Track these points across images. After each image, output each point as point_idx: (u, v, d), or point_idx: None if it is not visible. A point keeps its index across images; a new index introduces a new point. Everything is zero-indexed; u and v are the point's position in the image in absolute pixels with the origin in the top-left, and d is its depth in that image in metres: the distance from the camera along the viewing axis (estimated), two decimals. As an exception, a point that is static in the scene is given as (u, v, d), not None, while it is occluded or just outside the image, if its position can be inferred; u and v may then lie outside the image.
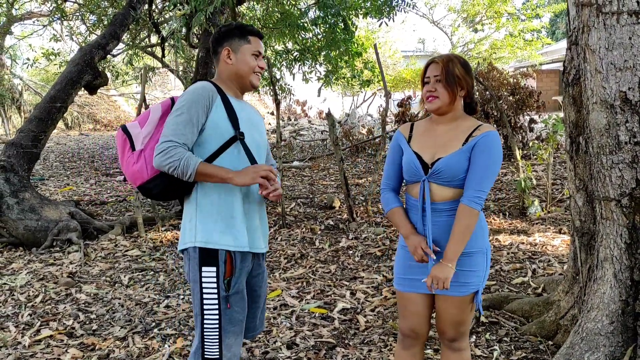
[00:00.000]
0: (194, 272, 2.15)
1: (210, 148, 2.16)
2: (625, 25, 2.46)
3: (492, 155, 2.09)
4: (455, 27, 24.04)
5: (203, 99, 2.13)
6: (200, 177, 2.09)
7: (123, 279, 4.65)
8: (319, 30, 9.37)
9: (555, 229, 5.50)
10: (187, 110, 2.10)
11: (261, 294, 2.39)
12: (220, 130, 2.16)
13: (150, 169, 2.12)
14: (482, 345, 3.21)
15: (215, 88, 2.20)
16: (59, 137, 19.59)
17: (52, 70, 19.23)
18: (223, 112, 2.17)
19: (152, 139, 2.17)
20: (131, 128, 2.21)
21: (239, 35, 2.27)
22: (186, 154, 2.05)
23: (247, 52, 2.26)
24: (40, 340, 3.50)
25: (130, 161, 2.16)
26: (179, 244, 2.23)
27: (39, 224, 5.69)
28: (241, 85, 2.30)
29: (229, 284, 2.14)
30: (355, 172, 9.86)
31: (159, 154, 2.05)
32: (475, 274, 2.17)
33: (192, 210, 2.19)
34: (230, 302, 2.14)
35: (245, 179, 2.09)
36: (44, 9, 13.82)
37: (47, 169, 11.66)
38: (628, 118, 2.52)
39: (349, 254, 5.13)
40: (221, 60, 2.28)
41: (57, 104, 6.42)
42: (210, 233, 2.13)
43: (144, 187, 2.15)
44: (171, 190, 2.16)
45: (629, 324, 2.64)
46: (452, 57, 2.16)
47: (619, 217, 2.63)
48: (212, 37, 2.31)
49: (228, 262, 2.15)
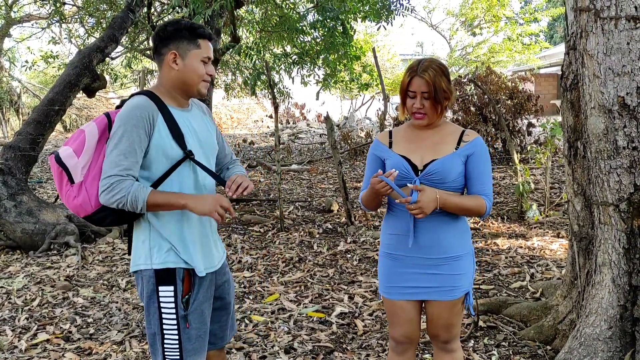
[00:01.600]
0: (149, 292, 2.03)
1: (157, 171, 2.02)
2: (624, 30, 2.46)
3: (488, 161, 2.20)
4: (453, 31, 24.05)
5: (142, 121, 1.95)
6: (153, 209, 1.97)
7: (120, 282, 4.64)
8: (317, 34, 9.37)
9: (554, 233, 5.50)
10: (127, 138, 1.93)
11: (230, 301, 2.30)
12: (166, 151, 2.00)
13: (94, 202, 1.97)
14: (480, 350, 3.20)
15: (154, 104, 2.02)
16: (57, 140, 19.56)
17: (50, 73, 19.21)
18: (166, 131, 2.00)
19: (90, 168, 1.99)
20: (66, 159, 1.99)
21: (188, 37, 2.04)
22: (132, 187, 1.91)
23: (195, 58, 2.05)
24: (37, 344, 3.49)
25: (71, 195, 1.99)
26: (131, 265, 2.10)
27: (37, 227, 5.67)
28: (186, 93, 2.11)
29: (187, 302, 2.05)
30: (354, 175, 9.85)
31: (104, 191, 1.92)
32: (464, 276, 2.19)
33: (144, 231, 2.05)
34: (189, 321, 2.04)
35: (203, 208, 1.97)
36: (42, 12, 13.83)
37: (45, 172, 11.64)
38: (626, 123, 2.52)
39: (347, 257, 5.12)
40: (165, 63, 2.06)
41: (56, 107, 6.42)
42: (167, 253, 2.02)
43: (90, 218, 2.02)
44: (120, 217, 2.01)
45: (627, 329, 2.63)
46: (436, 69, 2.09)
47: (617, 222, 2.62)
48: (156, 35, 2.08)
49: (186, 279, 2.05)
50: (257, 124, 23.21)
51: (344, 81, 11.65)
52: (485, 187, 2.16)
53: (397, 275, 2.22)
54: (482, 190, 2.15)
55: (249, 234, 6.09)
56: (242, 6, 8.69)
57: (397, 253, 2.21)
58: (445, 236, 2.15)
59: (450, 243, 2.16)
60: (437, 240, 2.15)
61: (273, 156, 12.89)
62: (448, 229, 2.16)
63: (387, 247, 2.26)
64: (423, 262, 2.16)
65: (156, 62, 2.13)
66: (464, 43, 24.06)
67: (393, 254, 2.23)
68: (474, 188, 2.16)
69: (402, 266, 2.20)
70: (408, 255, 2.18)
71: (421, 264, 2.17)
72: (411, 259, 2.18)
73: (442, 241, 2.15)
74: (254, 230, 6.26)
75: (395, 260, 2.22)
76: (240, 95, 18.55)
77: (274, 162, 11.23)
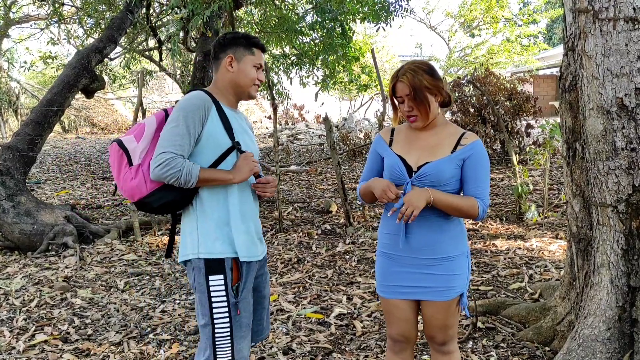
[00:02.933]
0: (201, 282, 2.14)
1: (208, 158, 2.16)
2: (622, 31, 2.46)
3: (486, 165, 2.19)
4: (452, 32, 24.09)
5: (198, 109, 2.12)
6: (202, 183, 2.12)
7: (119, 283, 4.63)
8: (316, 35, 9.38)
9: (552, 234, 5.50)
10: (183, 121, 2.09)
11: (266, 295, 2.40)
12: (217, 140, 2.17)
13: (149, 184, 2.11)
14: (479, 351, 3.20)
15: (210, 98, 2.20)
16: (55, 141, 19.55)
17: (49, 73, 19.21)
18: (219, 122, 2.18)
19: (148, 153, 2.16)
20: (127, 142, 2.17)
21: (244, 44, 2.26)
22: (186, 163, 2.06)
23: (249, 63, 2.25)
24: (34, 345, 3.48)
25: (128, 177, 2.13)
26: (179, 255, 2.22)
27: (35, 227, 5.66)
28: (238, 94, 2.31)
29: (237, 289, 2.16)
30: (353, 176, 9.85)
31: (158, 166, 2.04)
32: (459, 277, 2.19)
33: (192, 222, 2.19)
34: (239, 308, 2.15)
35: (243, 174, 2.15)
36: (41, 12, 13.81)
37: (43, 173, 11.62)
38: (624, 124, 2.52)
39: (346, 258, 5.12)
40: (222, 66, 2.26)
41: (54, 108, 6.42)
42: (213, 243, 2.14)
43: (143, 201, 2.14)
44: (169, 203, 2.15)
45: (625, 330, 2.63)
46: (415, 70, 2.12)
47: (616, 223, 2.62)
48: (216, 42, 2.29)
49: (234, 268, 2.16)
50: (256, 124, 23.20)
51: (342, 82, 11.67)
52: (481, 190, 2.15)
53: (392, 274, 2.23)
54: (477, 193, 2.15)
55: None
56: (241, 7, 8.69)
57: (392, 252, 2.22)
58: (438, 237, 2.16)
59: (444, 244, 2.17)
60: (430, 241, 2.16)
61: (272, 157, 12.88)
62: (441, 231, 2.16)
63: (383, 246, 2.28)
64: (417, 262, 2.17)
65: (213, 66, 2.31)
66: (462, 44, 24.11)
67: (388, 253, 2.24)
68: (469, 191, 2.16)
69: (397, 265, 2.21)
70: (402, 255, 2.19)
71: (415, 264, 2.18)
72: (406, 259, 2.19)
73: (435, 242, 2.16)
74: (252, 231, 6.24)
75: (390, 260, 2.24)
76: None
77: (273, 163, 11.23)
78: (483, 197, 2.15)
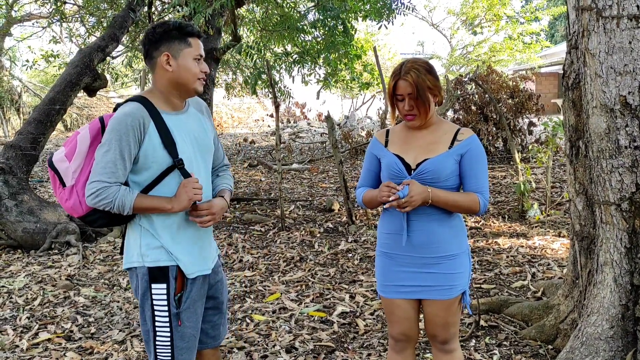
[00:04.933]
0: (143, 289, 2.06)
1: (146, 178, 2.04)
2: (625, 29, 2.46)
3: (484, 159, 2.21)
4: (454, 30, 24.03)
5: (133, 129, 1.95)
6: (138, 211, 2.01)
7: (122, 281, 4.64)
8: (318, 33, 9.36)
9: (555, 232, 5.50)
10: (117, 145, 1.94)
11: (223, 300, 2.30)
12: (156, 159, 2.01)
13: (84, 206, 2.01)
14: (481, 350, 3.20)
15: (146, 110, 2.01)
16: (58, 139, 19.56)
17: (51, 72, 19.23)
18: (157, 139, 2.00)
19: (82, 172, 2.02)
20: (58, 163, 2.04)
21: (178, 37, 2.03)
22: (119, 193, 1.94)
23: (188, 57, 2.04)
24: (38, 344, 3.49)
25: (63, 197, 2.04)
26: (124, 262, 2.13)
27: (38, 226, 5.67)
28: (182, 93, 2.11)
29: (179, 300, 2.06)
30: (355, 174, 9.84)
31: (90, 195, 1.94)
32: (461, 275, 2.20)
33: (136, 229, 2.08)
34: (181, 319, 2.06)
35: (181, 204, 2.01)
36: (43, 11, 13.82)
37: (45, 171, 11.64)
38: (628, 122, 2.52)
39: (348, 257, 5.12)
40: (159, 66, 2.05)
41: (57, 106, 6.41)
42: (158, 250, 2.04)
43: (83, 220, 2.07)
44: (111, 220, 2.05)
45: (629, 328, 2.63)
46: (419, 69, 2.11)
47: (619, 222, 2.62)
48: (145, 39, 2.07)
49: (179, 277, 2.07)
50: (258, 123, 23.21)
51: (344, 80, 11.65)
52: (480, 184, 2.17)
53: (393, 274, 2.23)
54: (477, 187, 2.16)
55: (250, 233, 6.09)
56: (243, 5, 8.67)
57: (393, 252, 2.22)
58: (439, 235, 2.16)
59: (445, 242, 2.17)
60: (431, 239, 2.16)
61: (274, 155, 12.88)
62: (442, 228, 2.17)
63: (383, 245, 2.28)
64: (418, 261, 2.17)
65: (148, 66, 2.12)
66: (464, 42, 24.05)
67: (388, 253, 2.24)
68: (469, 186, 2.18)
69: (397, 265, 2.21)
70: (403, 254, 2.19)
71: (416, 263, 2.18)
72: (406, 258, 2.19)
73: (436, 240, 2.16)
74: (255, 229, 6.25)
75: (390, 259, 2.23)
76: (240, 94, 18.54)
77: (275, 161, 11.23)
78: (483, 192, 2.17)
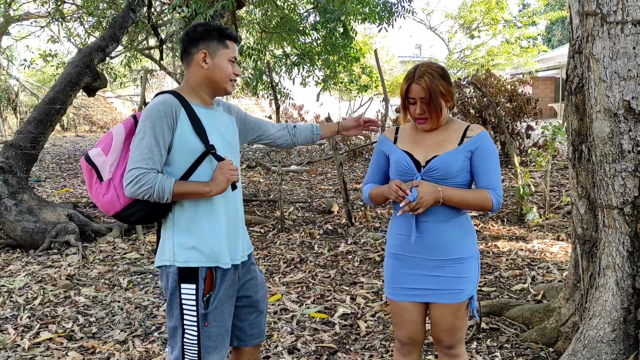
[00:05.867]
0: (172, 288, 2.09)
1: (181, 166, 2.07)
2: (630, 35, 2.48)
3: (495, 155, 2.18)
4: (452, 34, 24.12)
5: (165, 116, 2.01)
6: (178, 198, 2.03)
7: (122, 281, 4.64)
8: (317, 35, 9.38)
9: (554, 235, 5.52)
10: (151, 132, 1.99)
11: (259, 299, 2.31)
12: (189, 146, 2.06)
13: (122, 198, 2.03)
14: (483, 352, 3.21)
15: (177, 100, 2.08)
16: (54, 139, 19.52)
17: (48, 71, 19.18)
18: (189, 126, 2.06)
19: (119, 166, 2.06)
20: (95, 157, 2.07)
21: (217, 38, 2.13)
22: (158, 178, 1.97)
23: (224, 57, 2.14)
24: (39, 343, 3.48)
25: (100, 192, 2.05)
26: (156, 260, 2.16)
27: (37, 225, 5.66)
28: (213, 91, 2.19)
29: (207, 301, 2.09)
30: (353, 177, 9.86)
31: (129, 183, 1.97)
32: (469, 280, 2.18)
33: (169, 228, 2.11)
34: (208, 320, 2.09)
35: (219, 186, 2.05)
36: (42, 10, 13.79)
37: (43, 171, 11.61)
38: (631, 127, 2.54)
39: (348, 258, 5.13)
40: (194, 62, 2.13)
41: (57, 106, 6.42)
42: (190, 251, 2.07)
43: (119, 216, 2.07)
44: (145, 217, 2.08)
45: (630, 331, 2.65)
46: (432, 73, 2.11)
47: (621, 225, 2.64)
48: (185, 36, 2.15)
49: (208, 279, 2.09)
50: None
51: (343, 82, 11.67)
52: (492, 180, 2.13)
53: (401, 277, 2.22)
54: (489, 184, 2.13)
55: (250, 235, 6.08)
56: (243, 6, 8.69)
57: (402, 253, 2.22)
58: (448, 237, 2.15)
59: (454, 244, 2.16)
60: (440, 241, 2.15)
61: (272, 157, 12.89)
62: (452, 230, 2.15)
63: (392, 247, 2.27)
64: (427, 264, 2.16)
65: (184, 62, 2.19)
66: (462, 46, 24.12)
67: (398, 254, 2.23)
68: (480, 183, 2.15)
69: (406, 267, 2.20)
70: (412, 255, 2.18)
71: (425, 266, 2.17)
72: (415, 260, 2.18)
73: (445, 242, 2.15)
74: (254, 230, 6.26)
75: (400, 261, 2.23)
76: (238, 95, 18.54)
77: (274, 162, 11.24)
78: (495, 188, 2.13)
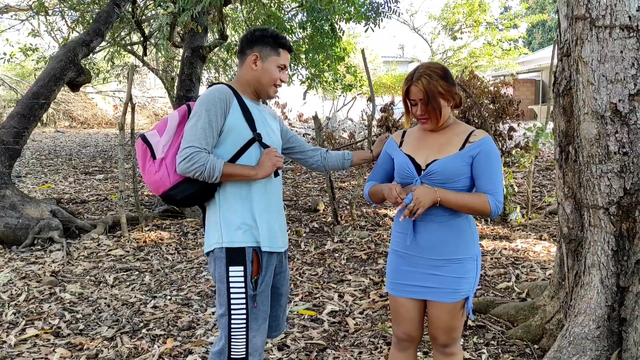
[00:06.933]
0: (221, 272, 2.19)
1: (230, 150, 2.21)
2: (618, 39, 2.54)
3: (497, 161, 2.19)
4: (435, 35, 24.28)
5: (220, 102, 2.17)
6: (226, 178, 2.16)
7: (108, 278, 4.60)
8: (304, 34, 9.39)
9: (536, 235, 5.62)
10: (206, 115, 2.14)
11: (283, 293, 2.44)
12: (239, 132, 2.21)
13: (172, 177, 2.16)
14: (470, 349, 3.27)
15: (231, 91, 2.24)
16: (34, 134, 19.19)
17: (28, 66, 18.86)
18: (240, 114, 2.22)
19: (171, 146, 2.21)
20: (150, 137, 2.25)
21: (272, 44, 2.29)
22: (209, 157, 2.10)
23: (273, 63, 2.29)
24: (26, 340, 3.45)
25: (152, 170, 2.20)
26: (205, 246, 2.27)
27: (20, 221, 5.59)
28: (258, 92, 2.34)
29: (256, 282, 2.20)
30: (338, 175, 9.90)
31: (183, 160, 2.09)
32: (467, 280, 2.21)
33: (215, 213, 2.24)
34: (257, 301, 2.20)
35: (265, 170, 2.19)
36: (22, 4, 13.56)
37: (23, 166, 11.44)
38: (618, 129, 2.60)
39: (335, 256, 5.16)
40: (246, 63, 2.30)
41: (40, 100, 6.34)
42: (235, 232, 2.19)
43: (167, 194, 2.19)
44: (192, 196, 2.20)
45: (614, 328, 2.72)
46: (430, 75, 2.13)
47: (607, 225, 2.71)
48: (244, 37, 2.34)
49: (255, 261, 2.20)
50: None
51: (327, 81, 11.69)
52: (492, 186, 2.14)
53: (402, 273, 2.26)
54: (488, 188, 2.14)
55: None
56: (230, 3, 8.67)
57: (402, 251, 2.26)
58: (446, 238, 2.17)
59: (452, 245, 2.18)
60: (438, 241, 2.18)
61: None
62: (449, 232, 2.18)
63: (395, 244, 2.32)
64: (425, 262, 2.20)
65: (238, 60, 2.37)
66: (445, 47, 24.29)
67: (399, 251, 2.28)
68: (480, 187, 2.16)
69: (406, 264, 2.24)
70: (411, 253, 2.22)
71: (424, 264, 2.20)
72: (415, 258, 2.21)
73: (441, 242, 2.18)
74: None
75: (400, 258, 2.27)
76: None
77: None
78: (495, 193, 2.14)
